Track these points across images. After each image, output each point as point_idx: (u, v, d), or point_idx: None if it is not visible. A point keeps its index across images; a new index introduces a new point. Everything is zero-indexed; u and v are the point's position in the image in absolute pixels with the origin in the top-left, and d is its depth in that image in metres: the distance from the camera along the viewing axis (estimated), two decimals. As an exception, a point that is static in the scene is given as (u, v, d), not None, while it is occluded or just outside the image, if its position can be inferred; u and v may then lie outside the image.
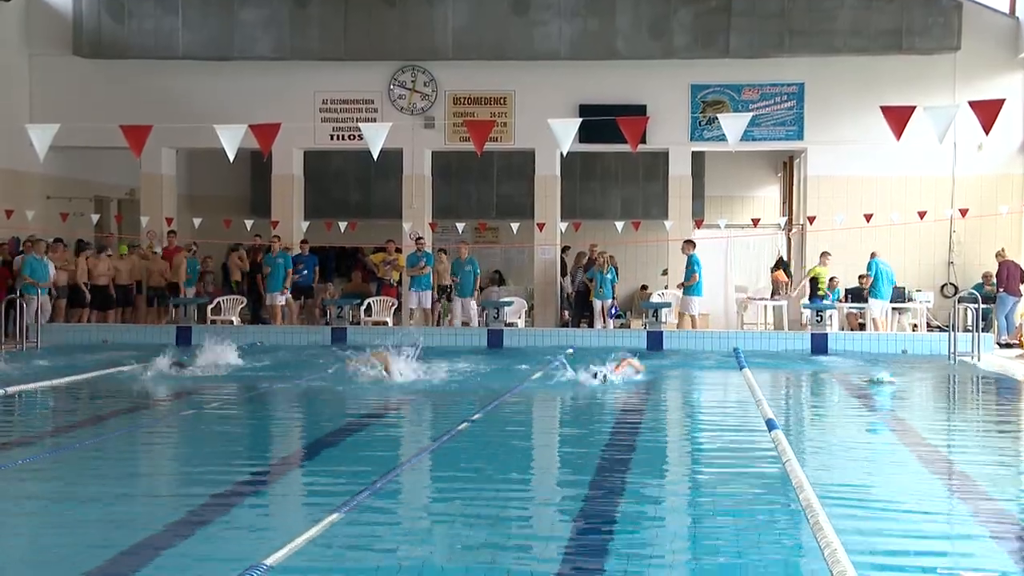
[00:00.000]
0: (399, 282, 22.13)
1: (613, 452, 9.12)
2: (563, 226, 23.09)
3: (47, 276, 19.40)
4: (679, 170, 22.92)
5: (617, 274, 21.53)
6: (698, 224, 24.17)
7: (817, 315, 19.52)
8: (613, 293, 21.22)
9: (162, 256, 22.10)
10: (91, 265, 20.95)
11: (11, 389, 12.13)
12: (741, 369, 15.30)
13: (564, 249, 23.74)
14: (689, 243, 21.02)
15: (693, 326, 20.41)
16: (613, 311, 21.23)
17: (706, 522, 6.91)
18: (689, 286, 20.68)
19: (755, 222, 24.45)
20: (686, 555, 6.06)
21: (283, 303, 21.30)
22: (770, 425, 9.96)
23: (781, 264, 24.41)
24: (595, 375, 13.09)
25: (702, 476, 8.55)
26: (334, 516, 6.59)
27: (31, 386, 12.62)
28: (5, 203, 21.15)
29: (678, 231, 22.79)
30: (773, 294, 23.40)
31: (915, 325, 21.39)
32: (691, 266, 20.68)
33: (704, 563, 5.88)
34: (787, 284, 23.32)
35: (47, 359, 15.93)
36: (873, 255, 20.60)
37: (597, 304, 21.25)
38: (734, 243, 25.89)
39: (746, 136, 17.21)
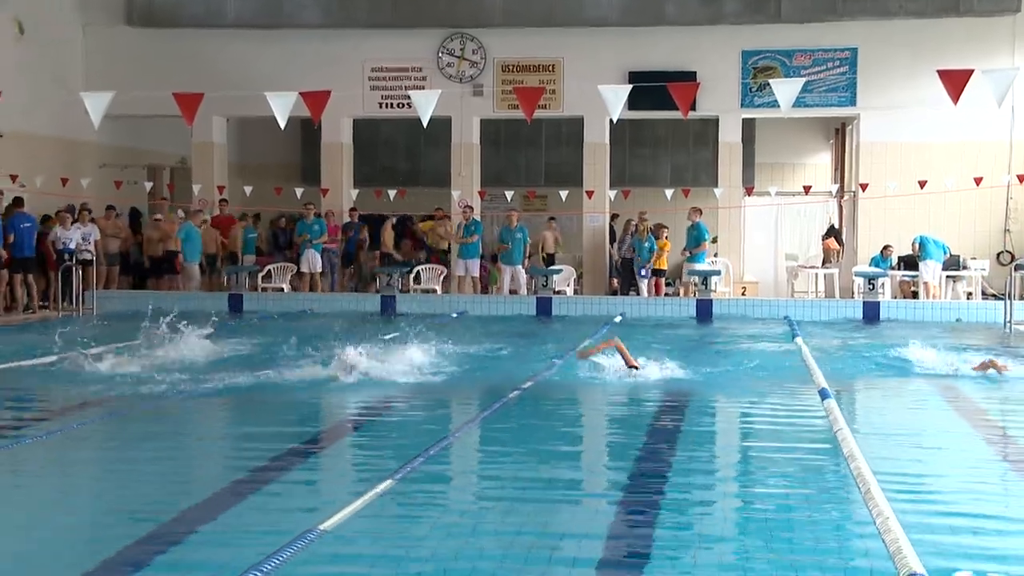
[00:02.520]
0: (448, 250, 22.14)
1: (661, 422, 9.08)
2: (612, 194, 22.96)
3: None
4: (729, 137, 22.69)
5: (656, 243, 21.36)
6: (748, 191, 23.93)
7: (869, 283, 19.30)
8: (650, 260, 21.09)
9: (212, 224, 22.23)
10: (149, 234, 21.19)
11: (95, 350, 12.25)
12: (793, 338, 15.17)
13: (613, 217, 23.62)
14: (696, 210, 20.95)
15: (691, 294, 20.30)
16: (642, 272, 21.09)
17: (756, 490, 6.87)
18: (696, 254, 20.60)
19: (806, 189, 24.17)
20: (734, 526, 6.01)
21: (319, 270, 21.35)
22: (823, 394, 9.87)
23: (833, 232, 24.13)
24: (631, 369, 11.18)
25: (752, 446, 8.52)
26: (386, 483, 6.62)
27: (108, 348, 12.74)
28: (61, 171, 21.37)
29: (728, 198, 22.61)
30: (824, 262, 23.16)
31: (970, 293, 21.08)
32: (699, 233, 20.59)
33: (753, 532, 5.84)
34: (839, 252, 23.06)
35: (111, 325, 16.07)
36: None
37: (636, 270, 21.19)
38: (784, 211, 25.64)
39: (798, 102, 16.95)
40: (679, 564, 5.26)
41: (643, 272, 21.06)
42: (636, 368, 10.87)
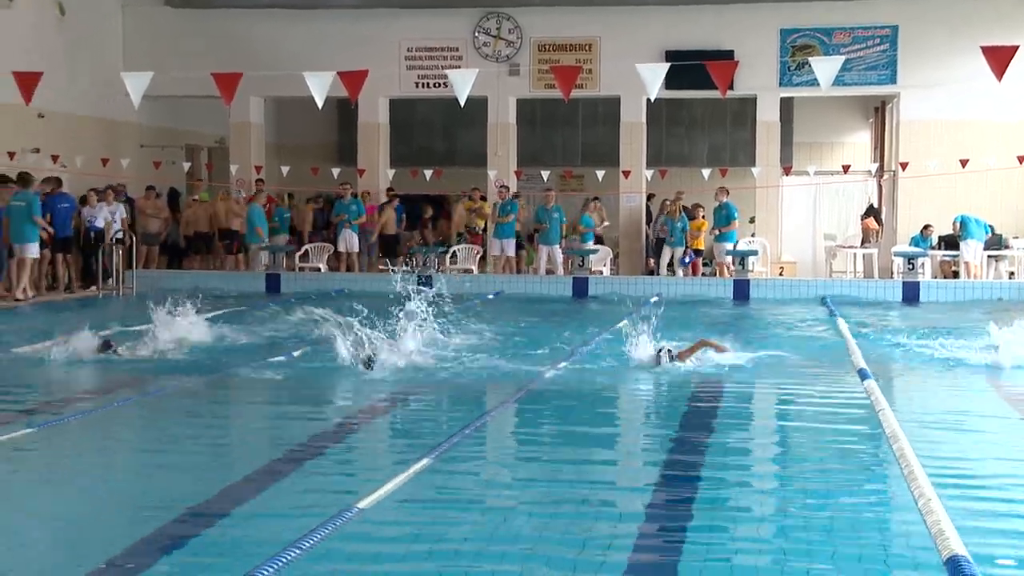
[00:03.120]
0: (484, 230, 22.11)
1: (697, 403, 9.00)
2: (649, 173, 22.82)
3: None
4: (767, 116, 22.47)
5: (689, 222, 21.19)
6: (786, 171, 23.73)
7: (909, 263, 19.08)
8: (685, 241, 20.96)
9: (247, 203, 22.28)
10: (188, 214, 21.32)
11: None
12: (832, 318, 15.03)
13: (649, 197, 23.49)
14: (723, 190, 20.80)
15: (728, 273, 20.14)
16: (684, 260, 20.98)
17: (794, 470, 6.82)
18: (726, 232, 20.45)
19: (845, 168, 23.92)
20: (772, 507, 5.96)
21: (356, 250, 21.38)
22: (863, 375, 9.76)
23: (872, 211, 23.87)
24: (659, 353, 10.35)
25: (790, 426, 8.44)
26: (422, 463, 6.61)
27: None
28: (101, 152, 21.52)
29: (766, 178, 22.42)
30: (863, 242, 22.92)
31: (1012, 273, 20.81)
32: (728, 212, 20.44)
33: (792, 512, 5.79)
34: (878, 232, 22.82)
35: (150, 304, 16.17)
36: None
37: (668, 252, 21.04)
38: (823, 190, 25.40)
39: (837, 81, 16.76)
40: (715, 544, 5.21)
41: (684, 260, 20.93)
42: (724, 351, 10.87)
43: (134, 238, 19.63)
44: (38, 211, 17.47)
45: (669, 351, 10.31)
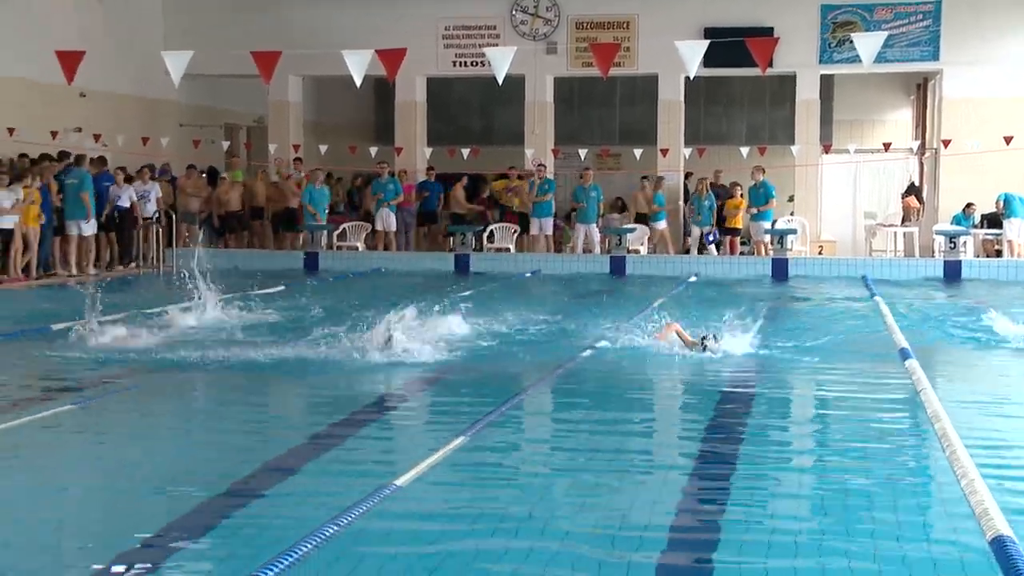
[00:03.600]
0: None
1: (736, 383, 8.92)
2: (687, 152, 22.66)
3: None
4: (807, 94, 22.23)
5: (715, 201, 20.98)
6: (826, 149, 23.48)
7: (951, 242, 18.85)
8: (712, 219, 20.83)
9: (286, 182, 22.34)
10: (221, 192, 21.39)
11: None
12: (872, 297, 14.88)
13: (687, 176, 23.32)
14: (759, 169, 20.64)
15: (766, 253, 19.97)
16: (709, 238, 20.85)
17: (834, 450, 6.75)
18: (763, 211, 20.29)
19: (886, 146, 23.63)
20: (811, 488, 5.89)
21: (393, 229, 21.38)
22: (904, 354, 9.65)
23: (913, 189, 23.57)
24: (703, 340, 9.81)
25: (829, 406, 8.34)
26: (458, 441, 6.61)
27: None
28: (141, 131, 21.64)
29: (805, 156, 22.19)
30: (904, 220, 22.65)
31: (1056, 252, 20.51)
32: (766, 192, 20.26)
33: (831, 493, 5.70)
34: (919, 210, 22.54)
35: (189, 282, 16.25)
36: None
37: (695, 231, 20.92)
38: (863, 168, 25.13)
39: (878, 58, 16.52)
40: (753, 525, 5.14)
41: (709, 238, 20.80)
42: (697, 345, 9.84)
43: (174, 217, 19.74)
44: (89, 189, 17.77)
45: (714, 336, 9.82)
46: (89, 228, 18.08)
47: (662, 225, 21.21)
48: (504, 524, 5.10)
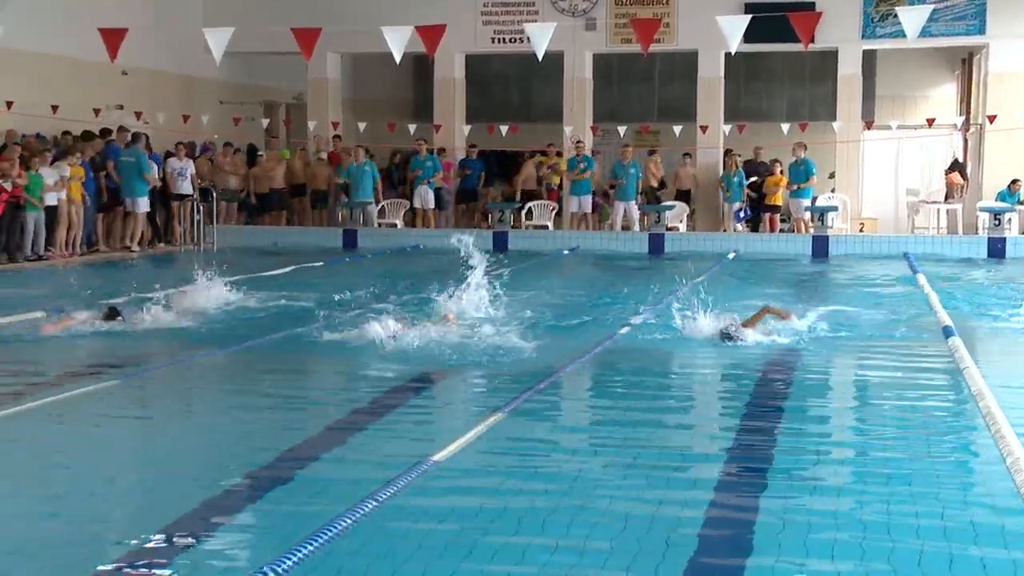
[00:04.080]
0: (560, 186, 21.97)
1: (776, 361, 8.79)
2: (727, 129, 22.46)
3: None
4: (849, 69, 21.94)
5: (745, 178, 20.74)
6: (868, 125, 23.18)
7: (995, 219, 18.57)
8: (741, 196, 20.64)
9: (327, 160, 22.38)
10: (260, 170, 21.48)
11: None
12: (914, 275, 14.70)
13: (727, 152, 23.12)
14: (800, 145, 20.41)
15: (806, 230, 19.77)
16: (739, 215, 20.66)
17: (874, 427, 6.66)
18: (803, 189, 20.08)
19: (929, 122, 23.30)
20: (853, 465, 5.80)
21: (432, 207, 21.37)
22: (947, 332, 9.52)
23: (956, 166, 23.24)
24: (723, 331, 9.25)
25: (871, 384, 8.23)
26: (496, 416, 6.59)
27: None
28: (182, 108, 21.74)
29: (846, 133, 21.94)
30: (947, 197, 22.35)
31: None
32: (807, 168, 20.05)
33: (872, 473, 5.59)
34: (963, 187, 22.23)
35: (229, 259, 16.32)
36: None
37: (725, 207, 20.76)
38: (905, 145, 24.80)
39: (922, 32, 16.24)
40: (793, 503, 5.04)
41: (739, 215, 20.61)
42: (788, 318, 9.68)
43: (213, 194, 19.82)
44: (146, 167, 17.96)
45: (731, 327, 9.17)
46: (143, 205, 18.25)
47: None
48: (541, 500, 5.08)
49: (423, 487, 5.26)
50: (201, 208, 19.34)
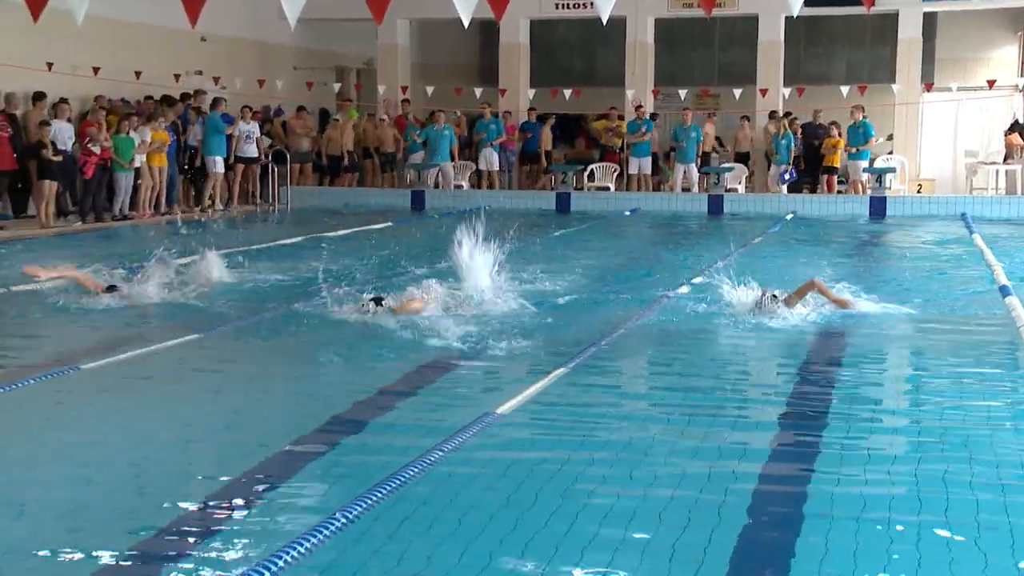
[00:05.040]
0: (621, 148, 21.81)
1: (831, 325, 8.61)
2: (786, 92, 22.09)
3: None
4: (909, 32, 21.44)
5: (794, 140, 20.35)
6: (928, 87, 22.66)
7: (1054, 181, 18.11)
8: (788, 158, 20.29)
9: (395, 124, 22.39)
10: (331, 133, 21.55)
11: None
12: (971, 235, 14.41)
13: (786, 115, 22.75)
14: (859, 108, 19.98)
15: (863, 191, 19.38)
16: (784, 176, 20.31)
17: (929, 387, 6.54)
18: (862, 151, 19.68)
19: (990, 84, 22.71)
20: (908, 435, 5.61)
21: (496, 168, 21.32)
22: (1004, 292, 9.32)
23: (1017, 127, 22.63)
24: (759, 301, 8.50)
25: (926, 344, 8.03)
26: (559, 372, 6.59)
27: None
28: (257, 73, 21.87)
29: (906, 95, 21.48)
30: (1006, 158, 21.81)
31: None
32: (866, 131, 19.63)
33: (927, 434, 5.48)
34: (1022, 147, 21.66)
35: (302, 219, 16.43)
36: None
37: (773, 169, 20.44)
38: (965, 106, 24.21)
39: (985, -7, 15.84)
40: (847, 475, 4.84)
41: (784, 176, 20.27)
42: (847, 307, 8.74)
43: (288, 157, 19.96)
44: (223, 129, 18.15)
45: (774, 295, 8.48)
46: (221, 166, 18.46)
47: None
48: (601, 453, 5.08)
49: (486, 439, 5.28)
50: (275, 170, 19.51)
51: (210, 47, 20.68)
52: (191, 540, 4.07)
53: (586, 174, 21.39)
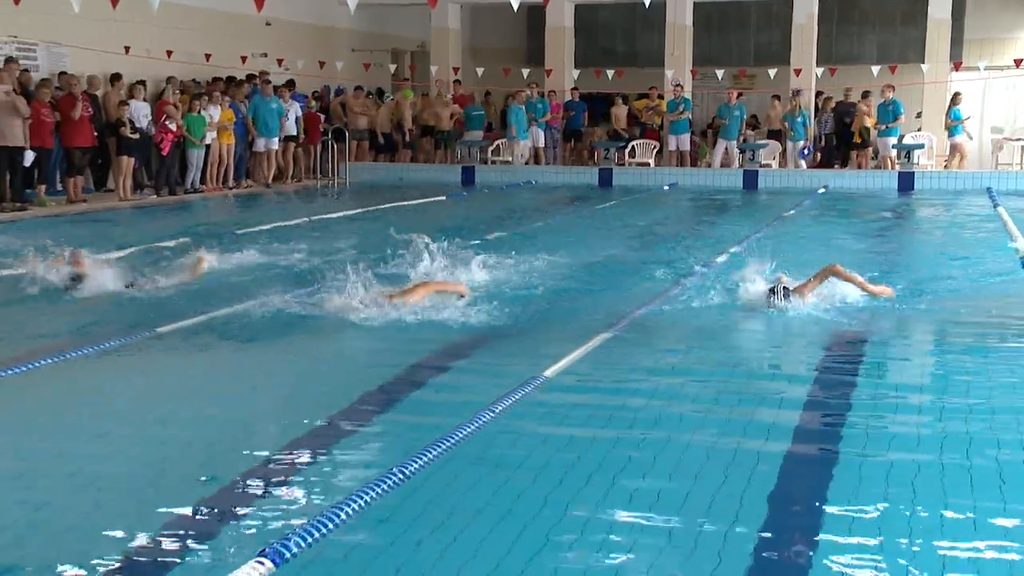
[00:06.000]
0: (660, 126, 21.64)
1: (856, 301, 8.33)
2: (819, 71, 21.77)
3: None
4: (939, 14, 21.01)
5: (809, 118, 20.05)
6: (956, 66, 22.22)
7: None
8: (805, 135, 20.03)
9: (456, 102, 22.31)
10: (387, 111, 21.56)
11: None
12: (995, 207, 14.17)
13: (818, 94, 22.45)
14: (889, 87, 19.62)
15: (892, 167, 19.07)
16: (802, 152, 20.03)
17: (952, 360, 6.34)
18: (891, 128, 19.35)
19: (1017, 63, 22.21)
20: (931, 396, 5.48)
21: (542, 145, 21.21)
22: (1025, 264, 9.18)
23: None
24: (771, 295, 7.39)
25: (949, 313, 7.67)
26: (602, 336, 6.58)
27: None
28: (318, 55, 21.91)
29: (934, 74, 21.08)
30: (1031, 135, 21.39)
31: None
32: (895, 109, 19.30)
33: (952, 408, 5.23)
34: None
35: (360, 192, 16.45)
36: None
37: (790, 145, 20.17)
38: (992, 85, 23.72)
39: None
40: (868, 463, 4.66)
41: (803, 152, 20.00)
42: (884, 294, 7.80)
43: (346, 134, 20.02)
44: (282, 110, 18.20)
45: (785, 288, 7.39)
46: (273, 144, 18.49)
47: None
48: (642, 415, 5.09)
49: (534, 401, 5.29)
50: (335, 147, 19.59)
51: (274, 31, 20.74)
52: (260, 490, 4.13)
53: (627, 150, 21.26)
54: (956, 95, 19.80)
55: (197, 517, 3.87)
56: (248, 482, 4.21)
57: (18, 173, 14.24)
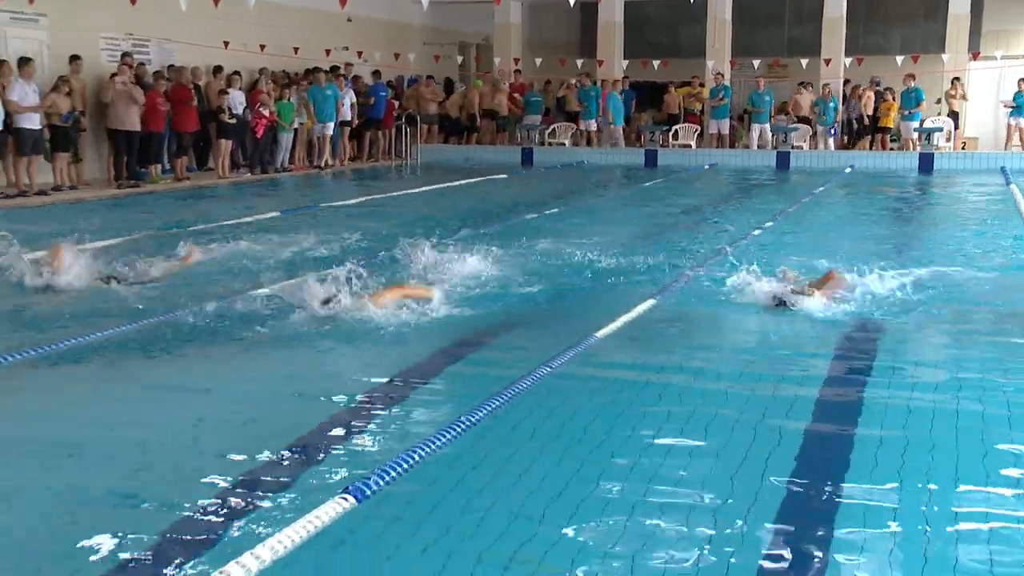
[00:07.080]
0: (702, 111, 21.33)
1: (869, 288, 8.07)
2: (847, 61, 21.26)
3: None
4: (959, 9, 20.42)
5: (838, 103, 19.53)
6: (974, 56, 21.56)
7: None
8: (833, 119, 19.68)
9: (516, 90, 22.21)
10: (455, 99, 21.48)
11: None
12: (1007, 184, 13.78)
13: (846, 83, 21.93)
14: (910, 76, 19.11)
15: (913, 148, 18.57)
16: (832, 132, 19.64)
17: (964, 336, 5.96)
18: (913, 113, 18.81)
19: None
20: (946, 373, 5.14)
21: (594, 129, 21.03)
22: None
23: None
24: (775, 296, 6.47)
25: (959, 286, 7.21)
26: (648, 303, 6.52)
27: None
28: (393, 48, 21.90)
29: (954, 64, 20.49)
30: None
31: None
32: (917, 95, 18.75)
33: (965, 383, 4.96)
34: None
35: (429, 172, 16.42)
36: None
37: (820, 129, 19.75)
38: (1007, 72, 22.99)
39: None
40: (892, 409, 4.63)
41: (832, 131, 19.64)
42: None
43: (418, 119, 20.01)
44: (338, 95, 18.08)
45: (793, 291, 6.48)
46: (328, 129, 17.86)
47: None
48: (679, 375, 5.05)
49: (587, 358, 5.27)
50: (407, 131, 19.61)
51: (355, 26, 20.75)
52: (339, 440, 4.17)
53: (671, 134, 21.00)
54: (1021, 81, 19.06)
55: (284, 463, 3.92)
56: (331, 431, 4.24)
57: (133, 154, 14.47)
